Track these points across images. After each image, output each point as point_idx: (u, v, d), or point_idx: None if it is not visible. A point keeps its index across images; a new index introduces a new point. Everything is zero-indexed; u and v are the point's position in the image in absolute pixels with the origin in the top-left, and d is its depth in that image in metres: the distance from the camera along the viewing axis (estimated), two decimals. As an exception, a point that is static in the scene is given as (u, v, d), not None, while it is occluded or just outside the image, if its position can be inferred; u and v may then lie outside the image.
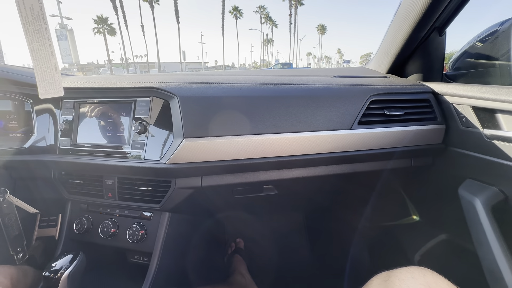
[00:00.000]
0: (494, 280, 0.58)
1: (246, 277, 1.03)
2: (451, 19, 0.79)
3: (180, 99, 0.62)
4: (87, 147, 0.71)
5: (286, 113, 0.66)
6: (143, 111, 0.68)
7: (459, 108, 0.70)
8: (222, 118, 0.63)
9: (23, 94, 0.73)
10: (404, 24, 0.80)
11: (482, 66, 0.82)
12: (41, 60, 0.49)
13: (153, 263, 0.72)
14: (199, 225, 1.03)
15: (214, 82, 0.68)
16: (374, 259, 1.13)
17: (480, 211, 0.62)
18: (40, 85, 0.49)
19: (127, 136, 0.69)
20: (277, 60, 68.40)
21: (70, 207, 0.81)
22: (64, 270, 0.56)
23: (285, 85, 0.70)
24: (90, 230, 0.77)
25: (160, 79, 0.68)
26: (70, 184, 0.77)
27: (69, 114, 0.73)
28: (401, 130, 0.73)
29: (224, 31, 40.39)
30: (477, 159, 0.66)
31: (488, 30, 0.85)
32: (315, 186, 0.86)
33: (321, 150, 0.69)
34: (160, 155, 0.65)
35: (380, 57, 0.98)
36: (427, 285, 0.39)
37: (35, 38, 0.48)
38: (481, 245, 0.61)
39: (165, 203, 0.71)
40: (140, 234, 0.73)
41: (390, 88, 0.74)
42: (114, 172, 0.72)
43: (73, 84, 0.72)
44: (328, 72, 0.98)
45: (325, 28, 58.98)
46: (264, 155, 0.67)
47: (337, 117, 0.69)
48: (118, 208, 0.77)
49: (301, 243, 1.33)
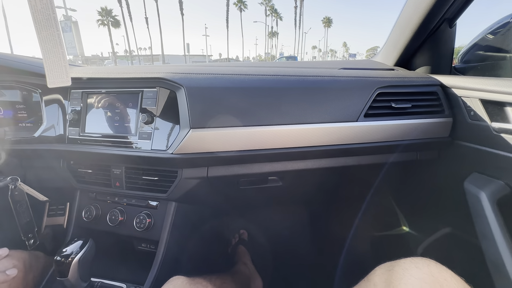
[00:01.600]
0: (498, 273, 0.58)
1: (250, 267, 1.05)
2: (462, 10, 0.77)
3: (187, 89, 0.62)
4: (95, 137, 0.72)
5: (292, 104, 0.66)
6: (150, 101, 0.68)
7: (467, 101, 0.69)
8: (228, 109, 0.63)
9: (32, 84, 0.74)
10: (414, 16, 0.79)
11: (492, 58, 0.80)
12: (49, 49, 0.49)
13: (160, 251, 0.74)
14: (205, 215, 1.05)
15: (221, 73, 0.68)
16: (377, 251, 1.14)
17: (485, 205, 0.62)
18: (49, 74, 0.49)
19: (134, 126, 0.70)
20: (281, 53, 67.64)
21: (79, 196, 0.82)
22: (74, 255, 0.58)
23: (291, 76, 0.69)
24: (99, 218, 0.79)
25: (167, 70, 0.68)
26: (79, 173, 0.79)
27: (77, 104, 0.73)
28: (407, 123, 0.72)
29: (228, 23, 39.96)
30: (484, 152, 0.66)
31: (499, 22, 0.83)
32: (320, 178, 0.86)
33: (326, 142, 0.69)
34: (167, 145, 0.66)
35: (388, 49, 0.97)
36: (431, 275, 0.39)
37: (44, 27, 0.48)
38: (486, 239, 0.61)
39: (171, 192, 0.72)
40: (147, 222, 0.74)
41: (397, 81, 0.74)
42: (121, 161, 0.73)
43: (81, 74, 0.72)
44: (335, 64, 0.97)
45: (330, 21, 58.00)
46: (270, 147, 0.67)
47: (343, 109, 0.69)
48: (126, 197, 0.79)
49: (304, 235, 1.34)
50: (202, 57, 51.91)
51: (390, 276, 0.43)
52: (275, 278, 1.12)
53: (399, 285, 0.40)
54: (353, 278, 0.54)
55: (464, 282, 0.39)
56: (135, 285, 0.72)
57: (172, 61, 41.85)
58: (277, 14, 51.88)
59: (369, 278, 0.49)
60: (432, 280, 0.39)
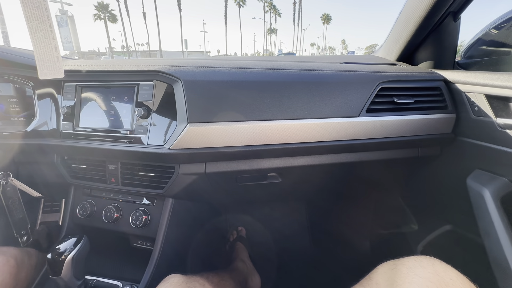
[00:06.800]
0: (501, 271, 0.57)
1: (248, 264, 1.04)
2: (468, 3, 0.75)
3: (184, 83, 0.60)
4: (90, 132, 0.70)
5: (292, 99, 0.64)
6: (146, 95, 0.66)
7: (471, 96, 0.68)
8: (226, 103, 0.62)
9: (24, 77, 0.71)
10: (418, 8, 0.77)
11: (496, 53, 0.79)
12: (40, 39, 0.47)
13: (156, 248, 0.72)
14: (202, 212, 1.03)
15: (219, 66, 0.66)
16: (379, 249, 1.13)
17: (488, 202, 0.60)
18: (40, 65, 0.47)
19: (130, 120, 0.67)
20: (280, 50, 67.40)
21: (73, 192, 0.81)
22: (68, 252, 0.56)
23: (292, 70, 0.67)
24: (93, 215, 0.77)
25: (164, 63, 0.66)
26: (73, 169, 0.77)
27: (71, 97, 0.71)
28: (410, 119, 0.71)
29: (226, 19, 39.66)
30: (488, 149, 0.64)
31: (503, 17, 0.82)
32: (320, 175, 0.84)
33: (327, 137, 0.68)
34: (164, 140, 0.64)
35: (390, 44, 0.95)
36: (437, 274, 0.38)
37: (34, 15, 0.46)
38: (489, 236, 0.60)
39: (168, 189, 0.70)
40: (144, 219, 0.73)
41: (400, 75, 0.72)
42: (117, 157, 0.71)
43: (75, 67, 0.70)
44: (336, 59, 0.95)
45: (329, 18, 57.73)
46: (269, 142, 0.65)
47: (345, 104, 0.67)
48: (122, 193, 0.77)
49: (303, 232, 1.34)
50: (200, 53, 51.60)
51: (393, 275, 0.42)
52: (273, 275, 1.12)
53: (403, 284, 0.39)
54: (354, 276, 0.53)
55: (469, 281, 0.38)
56: (131, 283, 0.71)
57: (169, 57, 41.53)
58: (276, 10, 51.55)
59: (371, 277, 0.48)
60: (438, 279, 0.37)
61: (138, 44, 62.34)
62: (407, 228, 1.03)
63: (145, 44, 56.73)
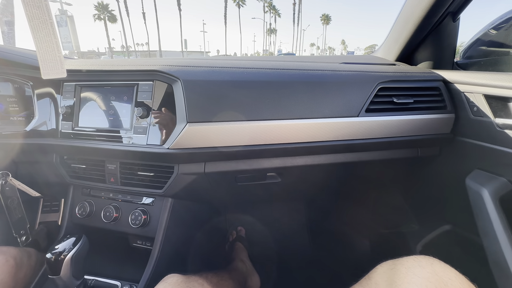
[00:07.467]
0: (500, 271, 0.57)
1: (247, 264, 1.04)
2: (467, 3, 0.76)
3: (183, 83, 0.60)
4: (89, 131, 0.70)
5: (291, 99, 0.64)
6: (145, 95, 0.66)
7: (470, 96, 0.68)
8: (226, 103, 0.62)
9: (23, 77, 0.71)
10: (417, 9, 0.77)
11: (495, 54, 0.79)
12: (42, 38, 0.47)
13: (156, 248, 0.72)
14: (202, 211, 1.03)
15: (219, 66, 0.66)
16: (378, 249, 1.13)
17: (487, 202, 0.61)
18: (43, 65, 0.47)
19: (130, 120, 0.67)
20: (279, 50, 67.40)
21: (73, 191, 0.80)
22: (67, 252, 0.56)
23: (291, 70, 0.68)
24: (93, 215, 0.77)
25: (163, 63, 0.66)
26: (72, 169, 0.77)
27: (70, 97, 0.71)
28: (409, 119, 0.71)
29: (226, 19, 39.66)
30: (487, 149, 0.65)
31: (502, 17, 0.82)
32: (319, 174, 0.85)
33: (327, 137, 0.68)
34: (163, 140, 0.64)
35: (389, 44, 0.95)
36: (435, 274, 0.38)
37: (35, 15, 0.46)
38: (488, 236, 0.60)
39: (167, 188, 0.70)
40: (143, 219, 0.72)
41: (399, 75, 0.72)
42: (116, 156, 0.71)
43: (74, 66, 0.70)
44: (335, 59, 0.95)
45: (329, 18, 57.75)
46: (268, 142, 0.65)
47: (344, 104, 0.67)
48: (121, 193, 0.77)
49: (302, 232, 1.34)
50: (199, 53, 51.62)
51: (392, 275, 0.42)
52: (273, 275, 1.12)
53: (402, 284, 0.39)
54: (353, 276, 0.53)
55: (468, 281, 0.38)
56: (130, 283, 0.70)
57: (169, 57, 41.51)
58: (276, 10, 51.57)
59: (370, 277, 0.48)
60: (437, 279, 0.38)
61: (138, 44, 62.34)
62: (406, 227, 1.03)
63: (145, 44, 56.71)
